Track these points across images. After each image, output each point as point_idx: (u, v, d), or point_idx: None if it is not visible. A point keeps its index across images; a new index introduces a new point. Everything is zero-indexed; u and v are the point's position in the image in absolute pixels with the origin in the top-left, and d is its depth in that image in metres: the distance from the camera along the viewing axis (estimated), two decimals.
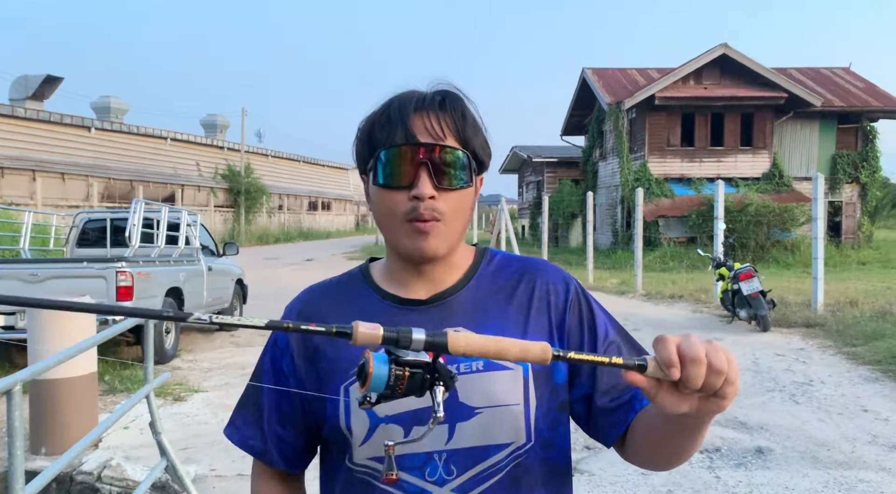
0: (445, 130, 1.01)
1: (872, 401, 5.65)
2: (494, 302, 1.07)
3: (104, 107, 31.74)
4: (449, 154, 1.00)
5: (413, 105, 1.02)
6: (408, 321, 0.99)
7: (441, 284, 1.07)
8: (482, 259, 1.12)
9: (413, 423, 0.99)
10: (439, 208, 1.00)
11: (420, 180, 0.99)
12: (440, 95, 1.04)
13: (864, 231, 23.68)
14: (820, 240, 10.06)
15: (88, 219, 9.09)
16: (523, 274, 1.11)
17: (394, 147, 1.00)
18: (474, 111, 1.06)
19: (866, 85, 24.78)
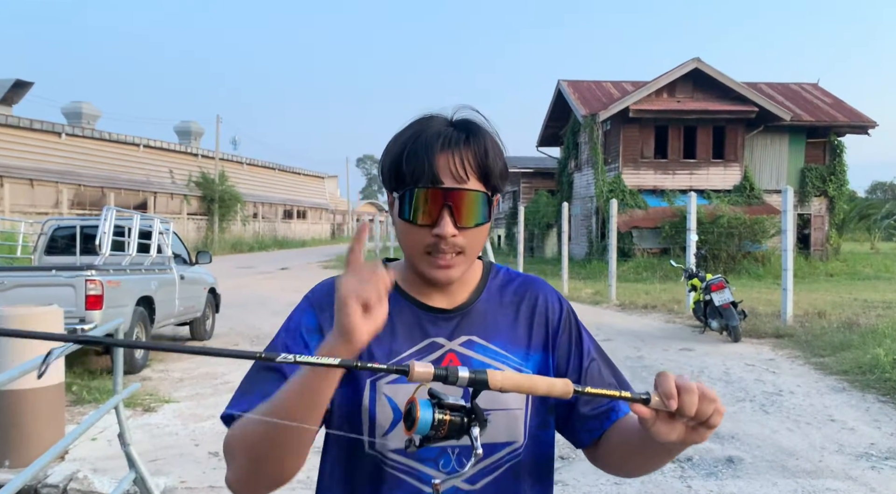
0: (468, 171, 1.08)
1: (840, 411, 5.75)
2: (503, 315, 1.19)
3: (75, 112, 31.28)
4: (471, 197, 1.08)
5: (439, 144, 1.07)
6: (433, 327, 1.15)
7: (456, 296, 1.18)
8: (489, 273, 1.23)
9: None
10: (459, 243, 1.09)
11: (442, 220, 1.06)
12: (465, 131, 1.10)
13: (832, 243, 24.16)
14: (789, 252, 10.24)
15: (57, 227, 8.93)
16: (526, 291, 1.23)
17: (419, 188, 1.07)
18: (496, 137, 1.13)
19: (834, 100, 25.36)
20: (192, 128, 39.71)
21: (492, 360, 1.14)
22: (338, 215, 60.63)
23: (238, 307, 12.24)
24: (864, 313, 10.67)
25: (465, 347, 1.14)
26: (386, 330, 1.07)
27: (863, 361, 7.19)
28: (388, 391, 1.10)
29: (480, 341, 1.15)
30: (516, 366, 1.14)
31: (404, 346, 1.13)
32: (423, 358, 1.11)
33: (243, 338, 9.53)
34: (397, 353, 1.12)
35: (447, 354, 1.13)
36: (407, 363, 0.86)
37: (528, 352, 1.17)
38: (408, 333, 1.14)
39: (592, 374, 1.19)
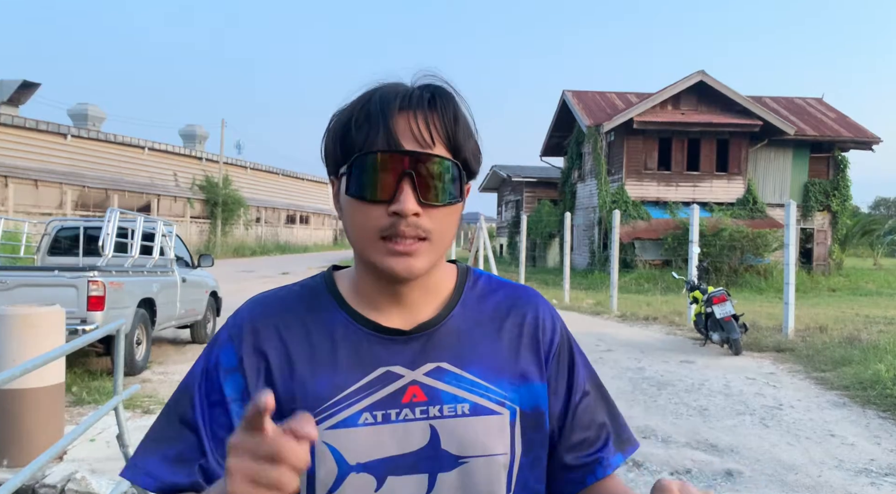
0: (434, 135, 0.85)
1: (840, 426, 5.73)
2: (481, 335, 0.94)
3: (81, 114, 31.41)
4: (438, 164, 0.85)
5: (398, 102, 0.85)
6: (387, 352, 0.90)
7: (420, 310, 0.93)
8: (465, 281, 0.98)
9: (387, 473, 0.87)
10: (424, 225, 0.85)
11: (403, 194, 0.84)
12: (429, 91, 0.88)
13: (835, 258, 24.13)
14: (791, 266, 10.23)
15: (61, 227, 8.95)
16: (512, 306, 0.98)
17: (372, 153, 0.84)
18: (466, 111, 0.90)
19: (838, 115, 25.38)
20: (196, 132, 39.84)
21: (467, 393, 0.90)
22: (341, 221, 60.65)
23: None
24: (866, 328, 10.64)
25: (431, 377, 0.90)
26: (327, 358, 0.90)
27: (864, 377, 7.17)
28: (330, 438, 0.87)
29: (453, 369, 0.91)
30: (499, 400, 0.91)
31: (351, 379, 0.89)
32: (376, 394, 0.88)
33: None
34: (342, 388, 0.88)
35: (409, 387, 0.89)
36: None
37: (515, 383, 0.93)
38: (355, 362, 0.90)
39: (582, 412, 0.98)
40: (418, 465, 0.88)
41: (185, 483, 0.87)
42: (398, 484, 0.88)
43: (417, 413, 0.89)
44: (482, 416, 0.90)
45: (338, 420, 0.88)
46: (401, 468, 0.88)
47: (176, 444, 0.89)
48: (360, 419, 0.88)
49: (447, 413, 0.89)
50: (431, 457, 0.88)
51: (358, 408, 0.88)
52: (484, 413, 0.90)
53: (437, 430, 0.89)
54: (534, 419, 0.94)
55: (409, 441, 0.88)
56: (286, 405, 0.88)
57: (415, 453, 0.88)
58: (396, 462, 0.88)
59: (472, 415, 0.90)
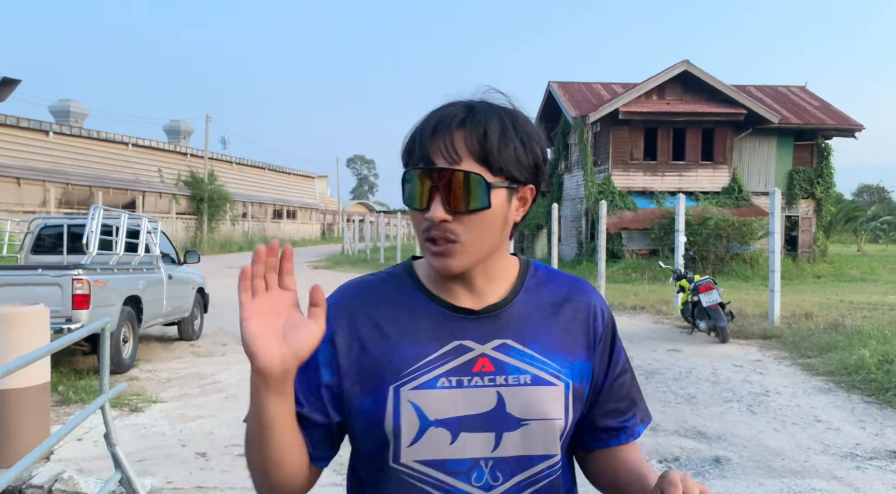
0: (462, 152, 1.00)
1: (825, 412, 5.79)
2: (540, 317, 1.11)
3: (63, 110, 31.07)
4: (461, 177, 1.00)
5: (433, 126, 1.03)
6: (460, 329, 1.07)
7: (488, 294, 1.09)
8: (527, 270, 1.15)
9: (460, 429, 1.03)
10: (454, 230, 1.01)
11: (433, 203, 1.00)
12: (464, 112, 1.03)
13: (820, 245, 24.34)
14: (777, 254, 10.31)
15: (44, 225, 8.87)
16: (569, 294, 1.15)
17: (411, 170, 1.03)
18: (510, 123, 1.04)
19: (821, 103, 25.55)
20: (181, 127, 39.53)
21: (529, 366, 1.07)
22: (328, 215, 60.49)
23: (227, 307, 12.18)
24: (850, 314, 10.75)
25: (499, 352, 1.07)
26: (410, 331, 1.07)
27: (848, 362, 7.25)
28: (413, 397, 1.03)
29: (517, 345, 1.08)
30: (554, 373, 1.08)
31: (430, 348, 1.06)
32: (452, 363, 1.05)
33: (232, 339, 9.49)
34: (422, 356, 1.05)
35: (479, 359, 1.06)
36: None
37: (569, 360, 1.10)
38: (434, 334, 1.07)
39: (618, 387, 1.17)
40: (487, 425, 1.04)
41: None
42: (469, 439, 1.04)
43: (486, 380, 1.05)
44: (541, 386, 1.07)
45: (420, 383, 1.04)
46: (472, 426, 1.04)
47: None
48: (438, 382, 1.04)
49: (511, 382, 1.06)
50: (498, 419, 1.04)
51: (436, 374, 1.05)
52: (543, 384, 1.07)
53: (503, 396, 1.05)
54: (579, 392, 1.11)
55: (480, 403, 1.04)
56: (377, 368, 1.05)
57: (484, 414, 1.04)
58: (468, 421, 1.04)
59: (533, 385, 1.06)
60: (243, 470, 4.32)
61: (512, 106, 1.07)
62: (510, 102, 1.07)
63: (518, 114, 1.06)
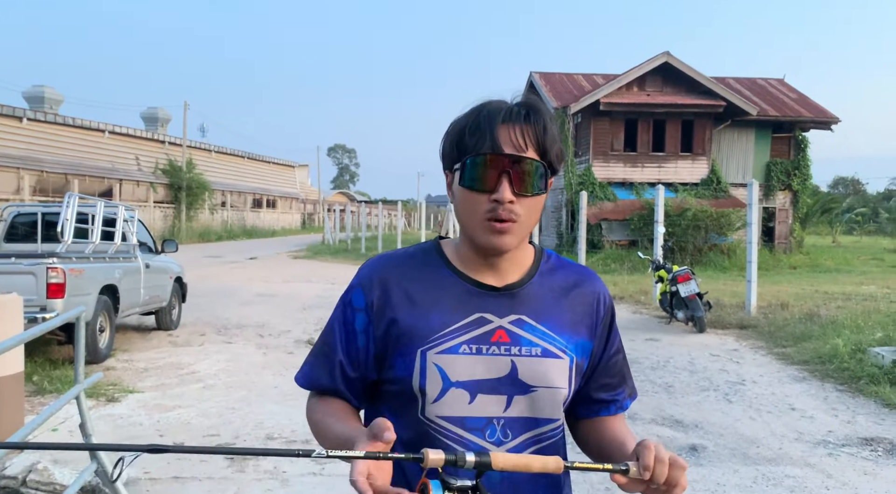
0: (528, 142, 1.15)
1: (800, 400, 5.89)
2: (552, 299, 1.24)
3: (37, 96, 30.54)
4: (529, 165, 1.14)
5: (501, 116, 1.15)
6: (482, 302, 1.20)
7: (507, 275, 1.22)
8: (541, 258, 1.28)
9: (477, 391, 1.17)
10: (516, 211, 1.14)
11: (501, 186, 1.13)
12: (525, 109, 1.17)
13: (796, 236, 24.66)
14: (754, 245, 10.42)
15: (18, 213, 8.71)
16: (578, 281, 1.29)
17: (480, 155, 1.14)
18: (553, 123, 1.19)
19: (798, 96, 25.82)
20: (159, 115, 39.03)
21: (540, 340, 1.20)
22: (308, 204, 60.12)
23: (205, 296, 12.09)
24: (825, 305, 10.92)
25: (514, 325, 1.19)
26: (437, 301, 1.20)
27: (823, 351, 7.37)
28: (438, 360, 1.16)
29: (530, 321, 1.20)
30: (562, 348, 1.21)
31: (454, 318, 1.18)
32: (473, 332, 1.18)
33: (210, 328, 9.41)
34: (447, 325, 1.18)
35: (497, 330, 1.19)
36: (422, 452, 0.94)
37: (575, 338, 1.23)
38: (458, 306, 1.19)
39: (612, 365, 1.30)
40: (500, 388, 1.18)
41: (328, 385, 1.24)
42: (485, 400, 1.17)
43: (502, 350, 1.18)
44: (549, 359, 1.20)
45: (444, 348, 1.17)
46: (487, 388, 1.17)
47: (323, 357, 1.25)
48: (461, 349, 1.17)
49: (524, 353, 1.19)
50: (511, 384, 1.18)
51: (459, 341, 1.18)
52: (551, 357, 1.20)
53: (517, 364, 1.18)
54: (580, 366, 1.25)
55: (495, 369, 1.18)
56: (408, 333, 1.19)
57: (498, 379, 1.18)
58: (485, 384, 1.17)
59: (542, 357, 1.20)
60: (221, 460, 4.30)
61: (548, 111, 1.22)
62: (546, 108, 1.22)
63: (553, 115, 1.22)
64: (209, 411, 5.42)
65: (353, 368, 1.23)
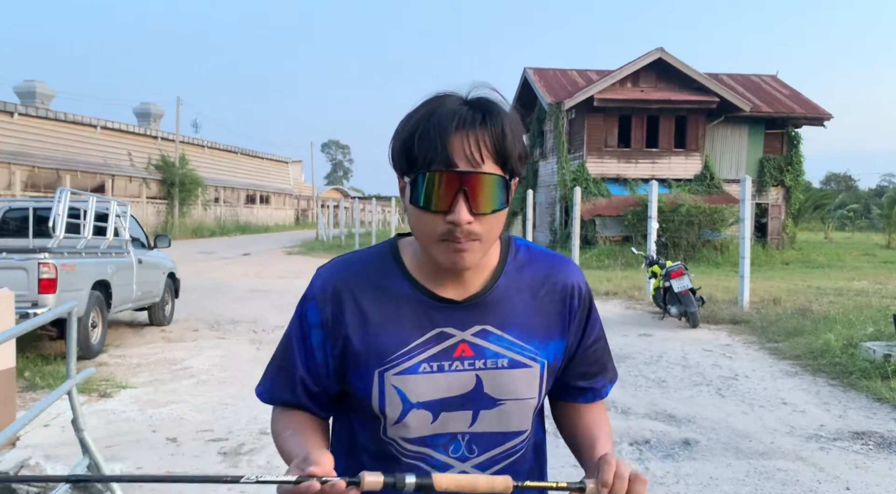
0: (485, 154, 1.01)
1: (792, 394, 5.91)
2: (520, 301, 1.14)
3: (29, 91, 30.33)
4: (487, 180, 1.02)
5: (453, 124, 1.01)
6: (442, 317, 1.11)
7: (470, 283, 1.13)
8: (508, 253, 1.17)
9: (440, 409, 1.10)
10: (475, 230, 1.03)
11: (457, 206, 1.01)
12: (481, 111, 1.03)
13: (788, 232, 24.76)
14: (747, 241, 10.46)
15: (9, 208, 8.66)
16: (548, 275, 1.18)
17: (432, 172, 1.01)
18: (514, 119, 1.06)
19: (791, 92, 25.89)
20: (151, 110, 38.83)
21: (507, 350, 1.12)
22: (302, 200, 59.98)
23: (198, 292, 12.05)
24: (817, 300, 10.97)
25: (478, 337, 1.11)
26: (394, 318, 1.11)
27: (815, 346, 7.40)
28: (396, 382, 1.10)
29: (495, 331, 1.12)
30: (531, 356, 1.13)
31: (412, 336, 1.10)
32: (433, 349, 1.10)
33: (203, 324, 9.39)
34: (406, 343, 1.10)
35: (459, 345, 1.11)
36: (358, 475, 0.92)
37: (546, 341, 1.15)
38: (416, 322, 1.11)
39: (591, 353, 1.23)
40: (465, 404, 1.11)
41: (291, 401, 1.18)
42: (449, 417, 1.11)
43: (466, 365, 1.11)
44: (518, 369, 1.13)
45: (402, 368, 1.10)
46: (451, 406, 1.11)
47: (283, 372, 1.18)
48: (420, 368, 1.10)
49: (490, 365, 1.11)
50: (476, 398, 1.11)
51: (418, 360, 1.10)
52: (519, 367, 1.13)
53: (482, 379, 1.11)
54: (554, 367, 1.18)
55: (459, 386, 1.11)
56: (362, 352, 1.11)
57: (462, 395, 1.11)
58: (448, 402, 1.11)
59: (510, 368, 1.12)
60: (214, 456, 4.29)
61: (506, 102, 1.09)
62: (503, 98, 1.09)
63: (514, 111, 1.09)
64: (202, 406, 5.40)
65: (314, 383, 1.16)
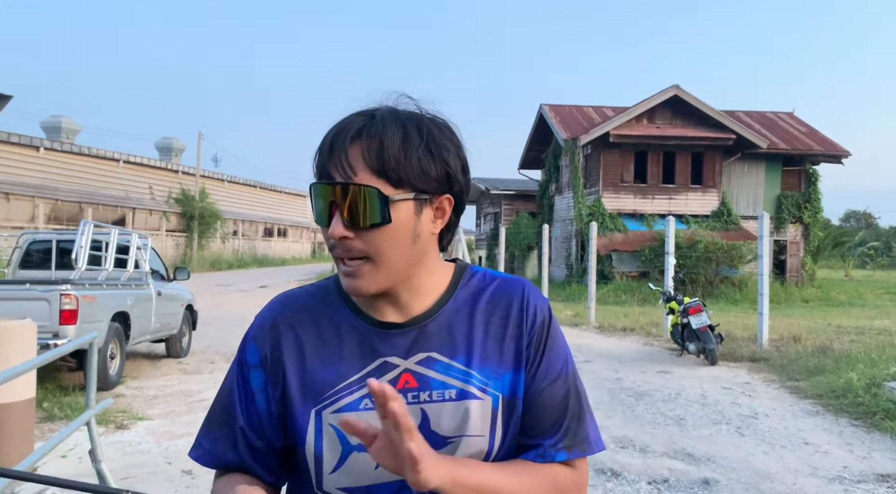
0: (357, 165, 0.94)
1: (813, 434, 5.80)
2: (470, 327, 1.03)
3: (55, 126, 31.06)
4: (356, 191, 0.93)
5: (331, 137, 0.97)
6: (385, 345, 1.01)
7: (413, 307, 1.03)
8: (460, 279, 1.07)
9: None
10: (357, 247, 0.95)
11: (333, 220, 0.95)
12: (362, 122, 0.97)
13: (808, 269, 24.49)
14: (765, 277, 10.37)
15: (33, 240, 8.81)
16: (500, 299, 1.06)
17: (312, 185, 0.97)
18: (414, 130, 0.96)
19: (808, 129, 25.87)
20: (173, 145, 39.57)
21: (454, 380, 1.00)
22: (319, 233, 60.39)
23: (215, 324, 12.11)
24: (838, 338, 10.80)
25: (422, 366, 1.00)
26: (333, 351, 1.02)
27: (836, 385, 7.27)
28: (335, 421, 0.98)
29: (442, 358, 1.01)
30: (481, 386, 1.00)
31: (353, 369, 1.01)
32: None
33: (220, 356, 9.41)
34: (345, 377, 1.00)
35: (402, 375, 1.00)
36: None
37: (498, 371, 1.02)
38: (357, 353, 1.01)
39: (542, 401, 1.03)
40: None
41: (233, 461, 1.04)
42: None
43: (409, 397, 0.99)
44: (467, 401, 1.00)
45: (341, 405, 0.99)
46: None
47: (223, 428, 1.05)
48: (361, 404, 0.99)
49: (436, 398, 0.99)
50: (423, 438, 0.94)
51: (359, 395, 0.99)
52: (468, 398, 1.00)
53: (427, 413, 0.99)
54: (511, 405, 1.02)
55: None
56: (298, 389, 1.01)
57: None
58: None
59: (459, 400, 0.99)
60: None
61: (421, 111, 1.00)
62: (420, 107, 1.01)
63: (425, 120, 0.99)
64: None
65: (257, 436, 1.03)
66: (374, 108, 1.00)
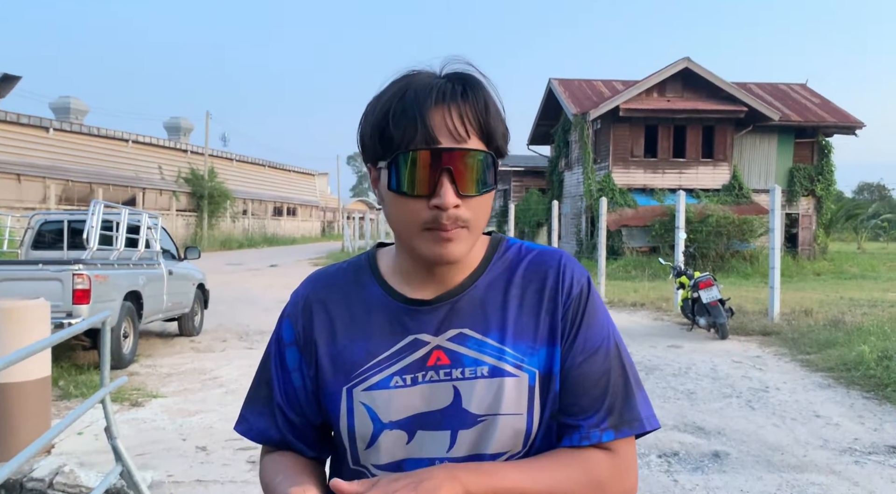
0: (469, 129, 0.90)
1: (824, 407, 5.80)
2: (504, 302, 0.99)
3: (63, 107, 31.07)
4: (473, 158, 0.90)
5: (433, 97, 0.90)
6: (415, 322, 0.98)
7: (448, 282, 0.99)
8: (495, 252, 1.03)
9: (416, 428, 0.97)
10: (463, 216, 0.91)
11: (443, 189, 0.89)
12: (461, 83, 0.92)
13: (820, 243, 24.32)
14: (777, 251, 10.31)
15: (45, 221, 8.87)
16: (535, 272, 1.01)
17: (413, 151, 0.89)
18: (495, 94, 0.95)
19: (822, 101, 25.52)
20: (181, 124, 39.52)
21: (487, 357, 0.96)
22: (328, 212, 60.47)
23: (227, 303, 12.20)
24: (850, 311, 10.76)
25: (454, 342, 0.97)
26: (363, 328, 1.00)
27: (848, 358, 7.26)
28: (366, 399, 0.97)
29: (474, 334, 0.97)
30: (516, 362, 0.96)
31: (382, 346, 0.99)
32: (405, 360, 0.97)
33: (232, 334, 9.50)
34: (374, 355, 0.99)
35: (434, 352, 0.97)
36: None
37: (536, 347, 0.98)
38: (388, 330, 0.99)
39: (580, 375, 0.98)
40: (443, 422, 0.96)
41: (275, 437, 1.06)
42: (426, 438, 0.96)
43: (441, 374, 0.97)
44: (500, 378, 0.96)
45: (372, 383, 0.98)
46: (428, 424, 0.96)
47: (262, 403, 1.07)
48: (392, 382, 0.97)
49: (468, 375, 0.96)
50: (454, 415, 0.96)
51: (389, 372, 0.98)
52: (502, 376, 0.96)
53: (460, 391, 0.96)
54: (548, 381, 0.98)
55: (436, 399, 0.96)
56: (329, 368, 1.01)
57: (440, 411, 0.96)
58: (424, 419, 0.97)
59: (491, 377, 0.96)
60: (243, 464, 4.33)
61: (486, 78, 0.97)
62: (483, 74, 0.96)
63: (495, 87, 0.97)
64: (231, 415, 5.46)
65: (294, 412, 1.04)
66: (444, 71, 0.95)
